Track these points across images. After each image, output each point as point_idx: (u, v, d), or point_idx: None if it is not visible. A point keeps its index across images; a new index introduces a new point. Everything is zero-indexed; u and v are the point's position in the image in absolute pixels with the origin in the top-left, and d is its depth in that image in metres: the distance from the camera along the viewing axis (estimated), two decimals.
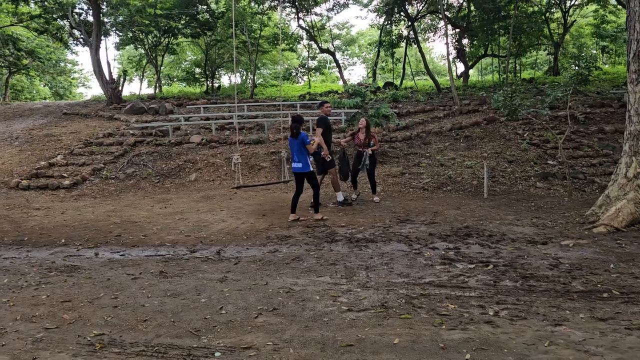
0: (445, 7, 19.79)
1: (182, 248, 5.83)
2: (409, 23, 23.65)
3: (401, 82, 26.30)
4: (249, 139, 14.60)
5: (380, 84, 26.16)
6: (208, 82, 26.54)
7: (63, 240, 6.39)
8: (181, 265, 5.09)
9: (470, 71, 27.27)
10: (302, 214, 7.72)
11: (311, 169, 7.29)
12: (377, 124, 12.18)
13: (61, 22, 22.43)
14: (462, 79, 25.18)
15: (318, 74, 37.49)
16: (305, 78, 31.89)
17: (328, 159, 8.25)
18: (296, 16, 25.89)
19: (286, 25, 28.21)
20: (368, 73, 38.13)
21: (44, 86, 34.86)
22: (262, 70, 34.73)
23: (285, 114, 18.34)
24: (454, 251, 5.33)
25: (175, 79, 32.65)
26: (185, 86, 31.57)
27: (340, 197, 8.39)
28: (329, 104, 8.47)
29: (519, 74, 24.45)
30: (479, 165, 11.44)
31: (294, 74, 33.34)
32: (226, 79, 64.14)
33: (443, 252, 5.28)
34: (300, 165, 7.26)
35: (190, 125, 17.10)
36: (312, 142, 7.79)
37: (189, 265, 5.06)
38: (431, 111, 17.47)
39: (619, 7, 21.42)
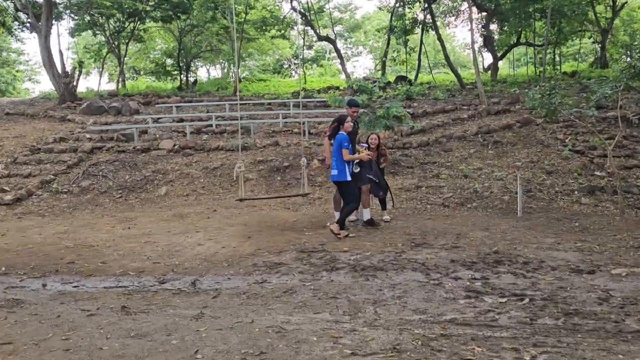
0: None
1: (149, 278, 5.81)
2: (426, 5, 23.87)
3: (416, 76, 26.49)
4: (231, 145, 14.66)
5: (391, 78, 26.34)
6: (182, 76, 26.67)
7: (3, 269, 6.36)
8: (148, 299, 5.07)
9: (500, 63, 27.54)
10: (311, 232, 7.74)
11: (348, 178, 7.66)
12: (387, 127, 12.26)
13: (3, 3, 22.58)
14: (490, 72, 25.39)
15: (315, 66, 37.80)
16: (299, 71, 32.10)
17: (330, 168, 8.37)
18: None
19: (277, 7, 28.48)
20: (376, 65, 38.41)
21: None
22: (247, 62, 34.98)
23: (276, 114, 18.44)
24: (481, 282, 5.33)
25: (142, 72, 32.83)
26: (154, 81, 31.71)
27: (367, 215, 8.47)
28: (356, 105, 8.47)
29: (558, 67, 24.69)
30: (511, 177, 11.49)
31: (286, 66, 33.60)
32: (204, 72, 64.42)
33: (468, 283, 5.28)
34: (335, 172, 7.66)
35: (160, 128, 17.15)
36: (360, 151, 8.15)
37: (158, 299, 5.04)
38: (453, 111, 17.58)
39: None
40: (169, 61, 29.22)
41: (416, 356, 3.70)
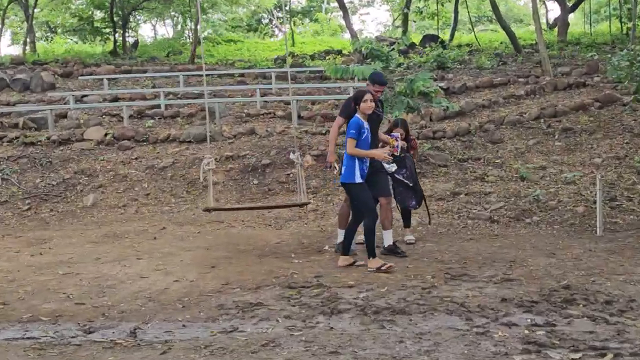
0: None
1: (69, 326, 5.78)
2: None
3: (452, 36, 26.53)
4: (187, 134, 14.65)
5: (416, 38, 26.40)
6: (117, 37, 26.60)
7: None
8: (68, 355, 5.04)
9: (571, 16, 27.60)
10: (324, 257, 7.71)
11: (356, 180, 7.54)
12: (411, 109, 12.27)
13: None
14: (557, 29, 25.41)
15: (308, 21, 37.73)
16: (285, 29, 32.10)
17: (334, 170, 8.39)
18: None
19: None
20: (394, 19, 38.40)
21: None
22: (211, 16, 34.86)
23: (252, 90, 18.44)
24: (544, 330, 5.31)
25: (59, 31, 32.73)
26: (77, 43, 31.61)
27: (389, 238, 8.42)
28: (382, 83, 8.37)
29: None
30: (588, 179, 11.50)
31: (266, 21, 33.58)
32: (148, 31, 64.33)
33: (526, 332, 5.27)
34: (343, 170, 7.69)
35: (86, 111, 17.09)
36: (391, 141, 8.13)
37: (82, 357, 5.02)
38: (504, 85, 17.65)
39: None
40: (99, 14, 29.16)
41: None
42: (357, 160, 7.51)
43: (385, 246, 8.36)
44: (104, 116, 16.90)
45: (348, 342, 5.13)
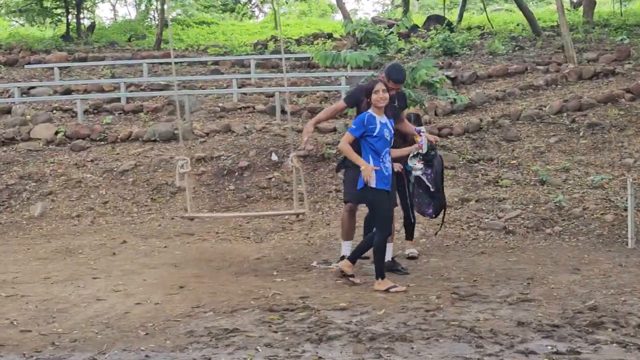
0: None
1: (12, 357, 5.75)
2: None
3: (460, 17, 26.59)
4: (152, 132, 14.61)
5: (419, 20, 26.44)
6: (70, 19, 26.53)
7: None
8: None
9: None
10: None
11: (371, 184, 7.51)
12: (413, 101, 12.27)
13: None
14: (582, 9, 25.49)
15: (294, 0, 37.76)
16: (267, 9, 32.08)
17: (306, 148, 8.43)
18: None
19: None
20: None
21: None
22: None
23: (227, 80, 18.41)
24: (567, 358, 5.32)
25: (3, 12, 32.60)
26: (23, 26, 31.50)
27: (388, 253, 8.30)
28: (399, 80, 8.30)
29: None
30: (618, 183, 11.54)
31: (246, 0, 33.56)
32: (107, 12, 64.27)
33: None
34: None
35: (34, 105, 17.02)
36: (415, 137, 7.99)
37: None
38: (521, 74, 17.69)
39: None
40: None
41: None
42: (372, 161, 7.43)
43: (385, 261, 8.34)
44: (54, 111, 16.81)
45: None
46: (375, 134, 7.40)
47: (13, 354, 5.81)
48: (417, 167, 7.92)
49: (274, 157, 12.79)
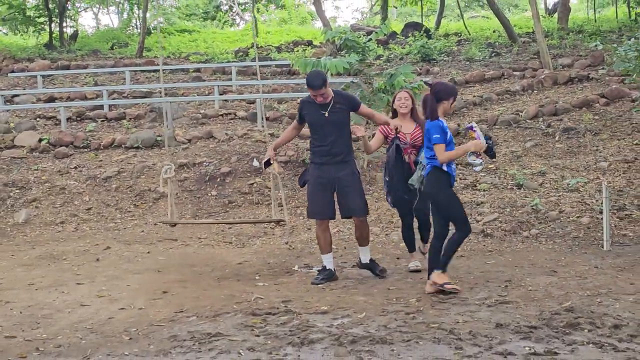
0: None
1: None
2: None
3: (438, 24, 26.70)
4: (134, 139, 14.58)
5: (397, 27, 26.52)
6: (53, 27, 26.45)
7: None
8: None
9: (573, 1, 27.86)
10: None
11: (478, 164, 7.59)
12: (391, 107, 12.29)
13: None
14: (557, 15, 25.65)
15: (274, 8, 37.81)
16: (248, 16, 32.09)
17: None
18: None
19: None
20: (373, 6, 38.59)
21: None
22: (162, 2, 34.80)
23: (209, 87, 18.41)
24: (545, 359, 5.34)
25: None
26: (6, 34, 31.38)
27: (366, 256, 8.28)
28: (310, 86, 7.95)
29: None
30: (593, 186, 11.59)
31: (226, 8, 33.58)
32: (89, 20, 63.98)
33: None
34: (425, 179, 7.64)
35: (17, 113, 16.96)
36: (470, 134, 7.73)
37: None
38: (498, 80, 17.79)
39: None
40: (32, 1, 28.97)
41: None
42: (445, 164, 7.41)
43: (362, 262, 8.29)
44: (37, 119, 16.78)
45: None
46: (448, 138, 7.35)
47: None
48: (476, 162, 7.71)
49: (255, 163, 12.79)
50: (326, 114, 7.83)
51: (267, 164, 8.17)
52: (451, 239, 7.53)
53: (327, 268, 8.14)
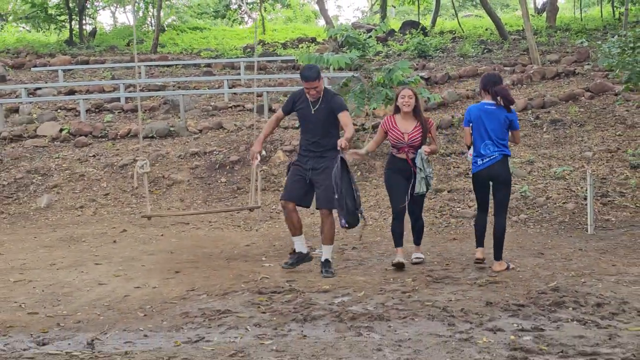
0: None
1: (20, 337, 5.73)
2: None
3: (433, 23, 26.63)
4: (149, 129, 14.58)
5: (396, 25, 26.46)
6: (73, 24, 26.41)
7: None
8: None
9: (560, 1, 27.79)
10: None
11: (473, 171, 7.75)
12: (390, 99, 12.30)
13: None
14: (545, 15, 25.59)
15: (280, 7, 37.73)
16: (255, 15, 32.01)
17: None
18: None
19: None
20: (373, 5, 38.49)
21: None
22: (175, 2, 34.72)
23: (219, 81, 18.40)
24: (532, 335, 5.34)
25: (11, 19, 32.42)
26: (29, 32, 31.33)
27: (326, 254, 7.83)
28: (303, 78, 7.69)
29: None
30: (578, 174, 11.59)
31: (235, 7, 33.50)
32: (106, 18, 63.99)
33: (512, 338, 5.30)
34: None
35: (39, 105, 16.97)
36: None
37: None
38: None
39: None
40: (53, 0, 28.93)
41: None
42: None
43: (321, 259, 7.82)
44: (58, 110, 16.78)
45: (322, 350, 5.13)
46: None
47: (22, 335, 5.79)
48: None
49: (263, 153, 12.76)
50: (313, 111, 7.63)
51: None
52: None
53: (297, 251, 7.87)
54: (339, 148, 7.39)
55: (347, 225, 7.54)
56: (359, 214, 7.60)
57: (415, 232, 8.06)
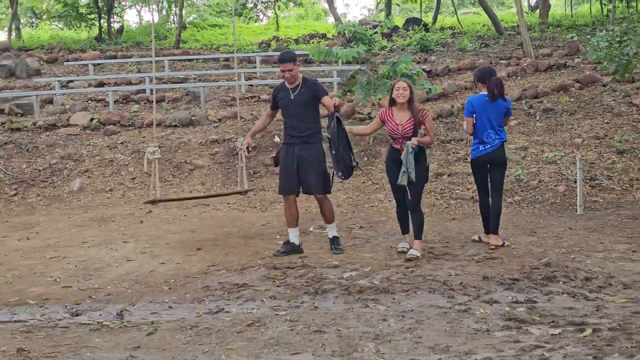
0: None
1: (56, 308, 5.77)
2: None
3: (434, 19, 26.50)
4: (172, 119, 14.59)
5: (399, 22, 26.34)
6: (102, 22, 26.43)
7: None
8: (55, 338, 5.04)
9: None
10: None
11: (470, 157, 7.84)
12: None
13: None
14: (538, 12, 25.45)
15: (292, 5, 37.63)
16: (270, 13, 31.95)
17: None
18: None
19: None
20: (378, 3, 38.35)
21: None
22: (195, 0, 34.68)
23: (236, 74, 18.37)
24: (525, 306, 5.36)
25: (44, 17, 32.47)
26: (62, 29, 31.38)
27: (331, 231, 7.79)
28: (280, 59, 7.64)
29: (635, 3, 24.80)
30: (568, 159, 11.56)
31: (251, 5, 33.42)
32: (133, 17, 64.02)
33: (507, 309, 5.31)
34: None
35: (72, 96, 17.02)
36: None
37: (69, 338, 5.01)
38: None
39: None
40: (84, 0, 28.94)
41: None
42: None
43: (329, 237, 7.81)
44: (89, 101, 16.82)
45: (332, 320, 5.16)
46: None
47: (57, 306, 5.84)
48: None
49: (276, 139, 12.78)
50: (292, 96, 7.51)
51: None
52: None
53: (291, 242, 7.68)
54: (332, 107, 7.35)
55: (343, 177, 7.55)
56: (354, 166, 7.59)
57: (413, 225, 7.54)
